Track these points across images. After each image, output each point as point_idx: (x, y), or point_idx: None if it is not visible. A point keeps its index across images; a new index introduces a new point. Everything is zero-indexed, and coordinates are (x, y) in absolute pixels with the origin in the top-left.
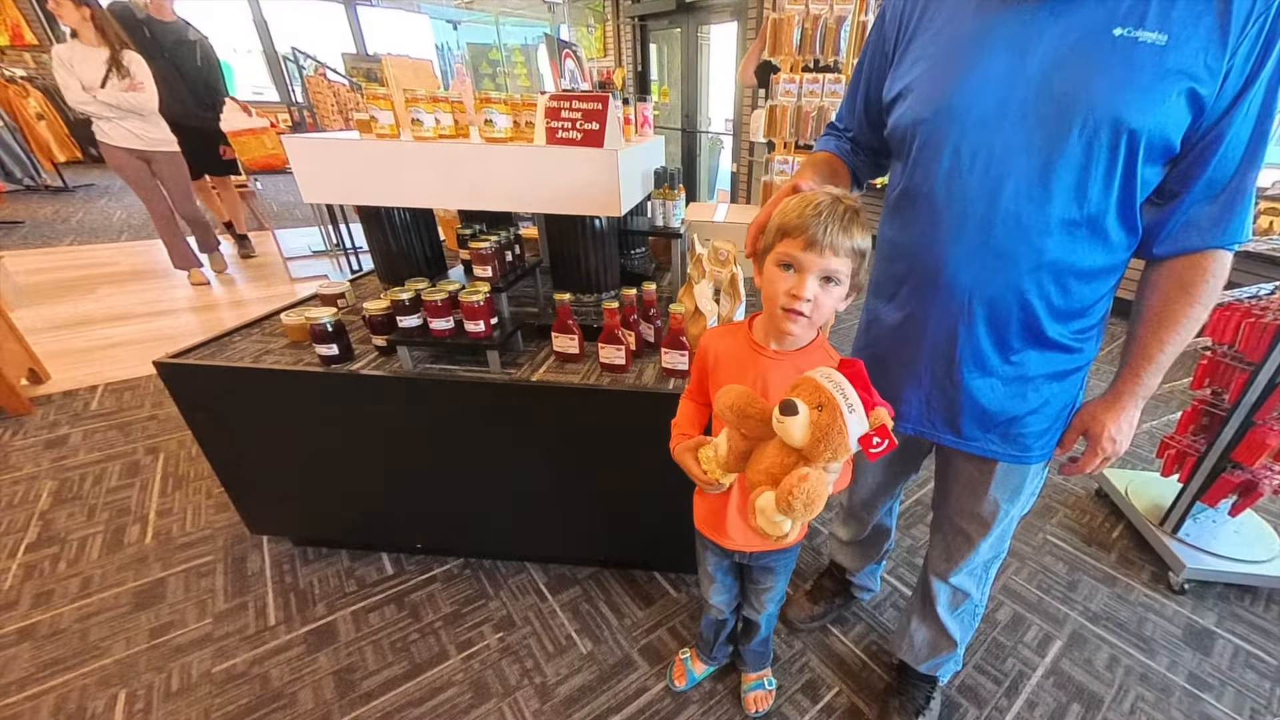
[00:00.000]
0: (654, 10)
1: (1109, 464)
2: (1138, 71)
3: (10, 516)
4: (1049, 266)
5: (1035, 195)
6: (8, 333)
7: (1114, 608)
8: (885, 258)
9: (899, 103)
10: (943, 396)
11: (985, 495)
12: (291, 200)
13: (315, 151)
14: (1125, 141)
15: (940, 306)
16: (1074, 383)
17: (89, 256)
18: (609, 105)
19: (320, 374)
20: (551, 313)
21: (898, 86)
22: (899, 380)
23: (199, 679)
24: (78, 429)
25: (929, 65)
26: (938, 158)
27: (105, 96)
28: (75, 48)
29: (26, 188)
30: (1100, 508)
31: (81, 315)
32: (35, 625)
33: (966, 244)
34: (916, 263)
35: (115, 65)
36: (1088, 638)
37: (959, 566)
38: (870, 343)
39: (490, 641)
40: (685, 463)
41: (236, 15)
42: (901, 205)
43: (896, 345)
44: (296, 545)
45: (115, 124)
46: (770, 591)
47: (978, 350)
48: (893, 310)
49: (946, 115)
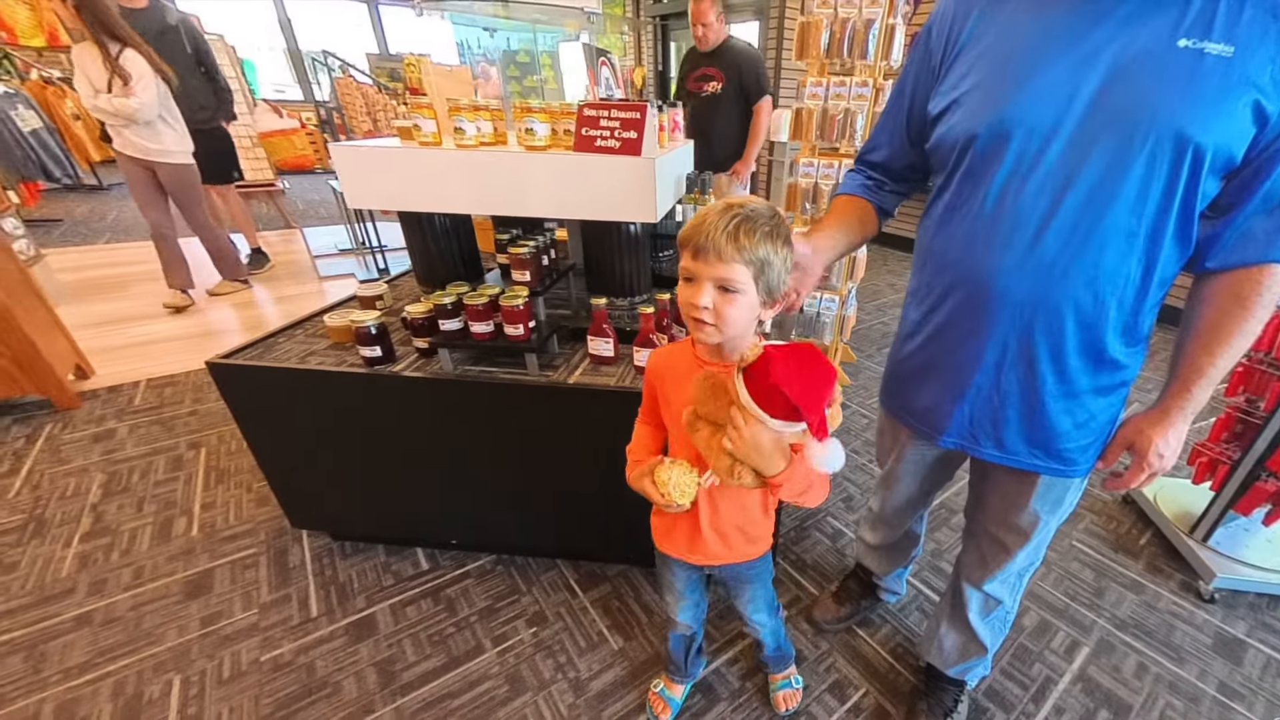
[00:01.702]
0: (675, 9)
1: (1154, 479)
2: (1203, 84)
3: (64, 508)
4: (1104, 280)
5: (1093, 209)
6: (55, 329)
7: (1142, 615)
8: (927, 269)
9: (947, 115)
10: (988, 410)
11: (1025, 507)
12: (317, 199)
13: (361, 159)
14: (1190, 156)
15: (989, 320)
16: (1120, 396)
17: (124, 254)
18: (647, 114)
19: (364, 375)
20: (584, 315)
21: (946, 99)
22: (941, 393)
23: (248, 667)
24: (123, 423)
25: (981, 77)
26: (991, 171)
27: (102, 103)
28: (84, 47)
29: (65, 186)
30: (1127, 514)
31: (120, 312)
32: (92, 613)
33: (1019, 258)
34: (964, 275)
35: (107, 64)
36: (1115, 645)
37: (994, 575)
38: (910, 354)
39: (524, 636)
40: (643, 487)
41: (260, 13)
42: (948, 218)
43: (939, 357)
44: (335, 540)
45: (119, 131)
46: (753, 601)
47: (1028, 364)
48: (935, 322)
49: (1001, 128)
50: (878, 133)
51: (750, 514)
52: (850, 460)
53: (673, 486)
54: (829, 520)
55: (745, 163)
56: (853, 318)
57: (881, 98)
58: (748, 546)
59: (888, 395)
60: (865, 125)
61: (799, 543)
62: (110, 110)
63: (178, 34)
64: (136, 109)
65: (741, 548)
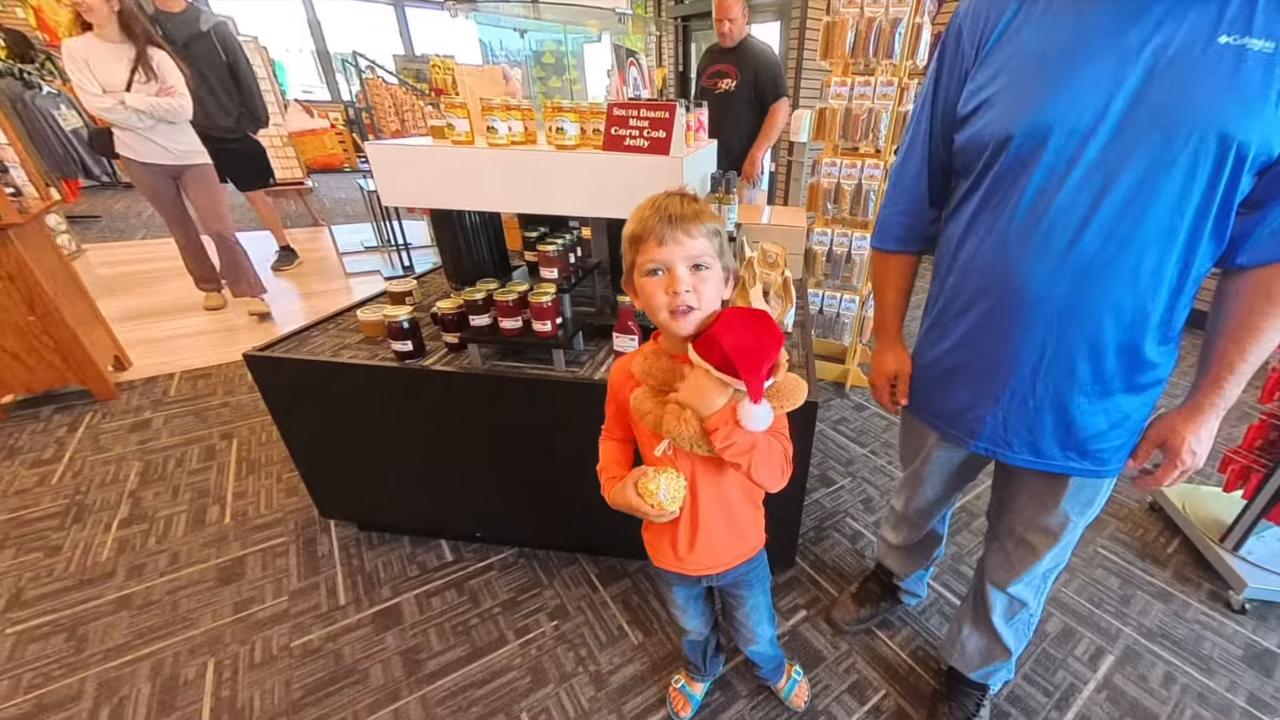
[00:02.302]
0: (697, 10)
1: (1186, 477)
2: (1245, 81)
3: (104, 494)
4: (1143, 280)
5: (1133, 210)
6: (95, 322)
7: (1169, 624)
8: (955, 273)
9: (978, 115)
10: (1023, 415)
11: (1055, 509)
12: (344, 197)
13: (396, 158)
14: (1233, 154)
15: (1025, 324)
16: (1154, 395)
17: (158, 250)
18: (675, 114)
19: (395, 369)
20: (609, 313)
21: (978, 99)
22: (973, 398)
23: (279, 652)
24: (159, 414)
25: (1015, 77)
26: (1027, 173)
27: (136, 102)
28: (93, 44)
29: (102, 184)
30: (1154, 521)
31: (155, 306)
32: (131, 596)
33: (1056, 260)
34: (997, 280)
35: (142, 66)
36: (1141, 653)
37: (1020, 577)
38: (938, 358)
39: (546, 629)
40: (627, 499)
41: (290, 14)
42: (978, 221)
43: (970, 362)
44: (361, 530)
45: (142, 136)
46: (755, 611)
47: (1065, 368)
48: (964, 327)
49: (1038, 129)
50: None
51: (732, 504)
52: (868, 462)
53: (661, 492)
54: (848, 521)
55: (751, 162)
56: (873, 319)
57: (906, 97)
58: (737, 544)
59: (917, 396)
60: (890, 125)
61: (818, 543)
62: (149, 110)
63: (210, 40)
64: (181, 108)
65: (731, 546)
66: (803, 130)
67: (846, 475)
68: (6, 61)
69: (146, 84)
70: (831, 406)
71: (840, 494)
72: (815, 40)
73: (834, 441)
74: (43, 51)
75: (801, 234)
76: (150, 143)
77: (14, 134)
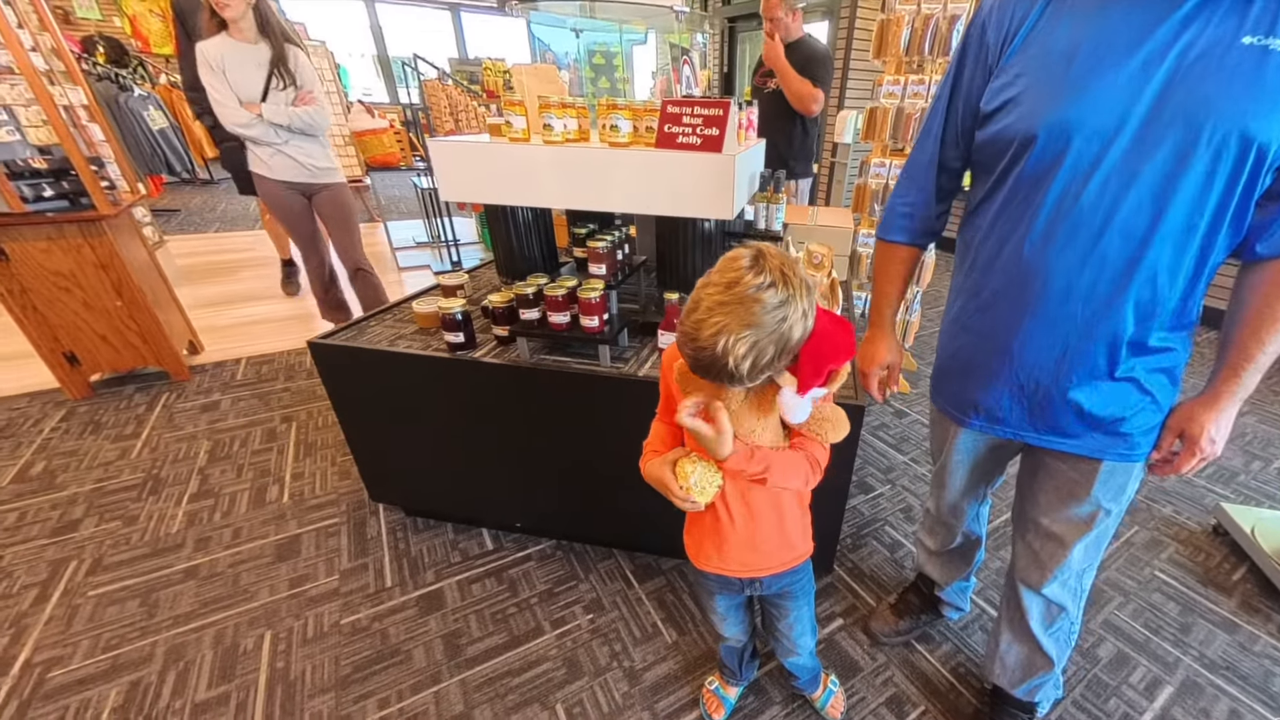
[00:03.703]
0: (744, 12)
1: (1203, 465)
2: (1268, 80)
3: (176, 470)
4: (1163, 274)
5: (1156, 207)
6: (173, 308)
7: (1235, 657)
8: (978, 270)
9: (1002, 114)
10: (1046, 401)
11: (1085, 497)
12: (398, 194)
13: (456, 154)
14: (1254, 153)
15: (1048, 318)
16: (1175, 378)
17: (231, 243)
18: (729, 111)
19: (446, 359)
20: (653, 310)
21: (1002, 97)
22: (994, 385)
23: (329, 629)
24: (227, 396)
25: (1040, 76)
26: (1051, 172)
27: (273, 115)
28: (228, 46)
29: (183, 180)
30: (1219, 546)
31: (226, 295)
32: (197, 567)
33: (1080, 257)
34: (1020, 275)
35: (279, 68)
36: (1204, 686)
37: (1052, 575)
38: (961, 348)
39: (581, 622)
40: (661, 475)
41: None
42: (1000, 218)
43: (993, 351)
44: (408, 515)
45: (279, 151)
46: (798, 623)
47: (1086, 357)
48: (988, 318)
49: (1063, 130)
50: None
51: (780, 504)
52: (908, 470)
53: (694, 481)
54: (887, 530)
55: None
56: (916, 323)
57: None
58: (784, 552)
59: (937, 388)
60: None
61: (856, 550)
62: (288, 123)
63: None
64: (323, 117)
65: (777, 553)
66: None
67: (886, 483)
68: (105, 66)
69: (284, 90)
70: (871, 411)
71: (879, 501)
72: (865, 40)
73: (873, 448)
74: (135, 57)
75: (848, 235)
76: (284, 156)
77: (110, 132)
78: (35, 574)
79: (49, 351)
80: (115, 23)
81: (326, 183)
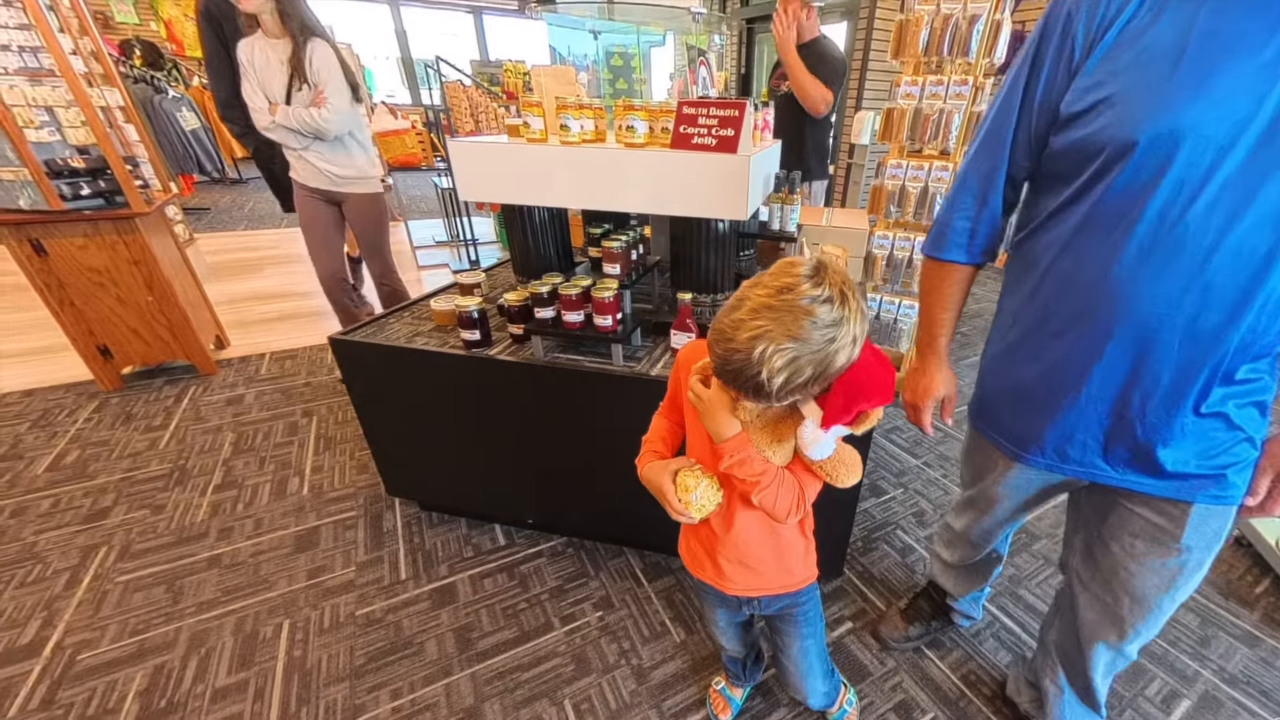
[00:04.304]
0: (762, 13)
1: None
2: None
3: (202, 461)
4: (1269, 299)
5: (1275, 231)
6: (202, 304)
7: (1257, 672)
8: (1047, 291)
9: (1091, 116)
10: (1128, 437)
11: (1175, 544)
12: (418, 194)
13: (475, 154)
14: None
15: (1140, 348)
16: (1266, 410)
17: (258, 240)
18: (744, 112)
19: (462, 357)
20: (666, 311)
21: (1092, 97)
22: (1066, 419)
23: (345, 619)
24: (251, 390)
25: (1144, 75)
26: (1152, 184)
27: (283, 118)
28: (258, 44)
29: (213, 179)
30: (1241, 558)
31: (252, 291)
32: (220, 555)
33: (1183, 282)
34: (1104, 298)
35: (296, 66)
36: (1223, 701)
37: (1133, 632)
38: (1024, 378)
39: (590, 619)
40: (660, 483)
41: (379, 24)
42: (1082, 234)
43: (1067, 382)
44: (423, 509)
45: (300, 156)
46: (803, 658)
47: (1181, 392)
48: (1060, 346)
49: (1169, 137)
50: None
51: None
52: (921, 474)
53: (695, 496)
54: (898, 534)
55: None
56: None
57: (981, 96)
58: (781, 576)
59: (985, 417)
60: (961, 125)
61: (866, 554)
62: (294, 127)
63: None
64: (326, 122)
65: (774, 576)
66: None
67: (898, 486)
68: (141, 69)
69: (300, 90)
70: (884, 414)
71: (891, 505)
72: (883, 40)
73: (886, 451)
74: (170, 60)
75: (863, 237)
76: (305, 162)
77: (144, 133)
78: (67, 559)
79: (83, 344)
80: (152, 27)
81: (350, 192)
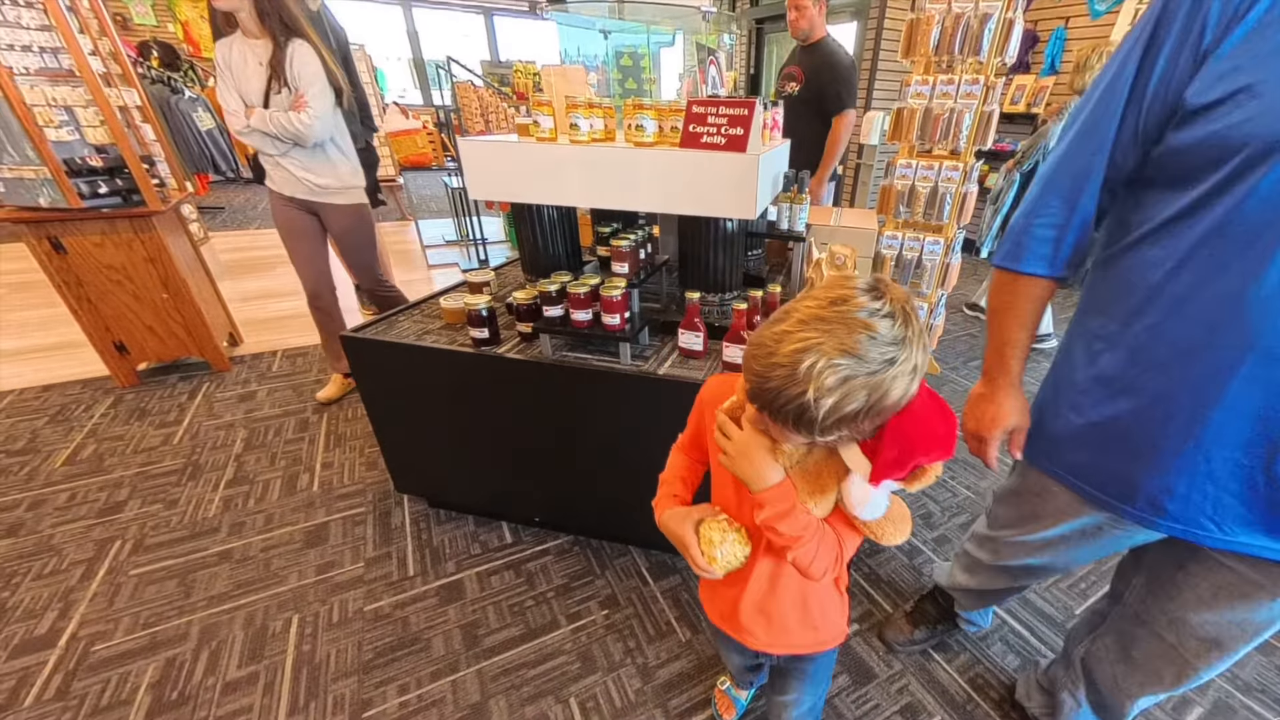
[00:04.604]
0: (772, 13)
1: None
2: None
3: (214, 456)
4: None
5: None
6: (216, 301)
7: (1271, 680)
8: (1156, 313)
9: (1224, 108)
10: (1252, 496)
11: (1268, 602)
12: (429, 193)
13: (486, 153)
14: None
15: (1268, 384)
16: None
17: (271, 239)
18: (754, 111)
19: (471, 354)
20: (674, 310)
21: (1224, 87)
22: (1169, 466)
23: (353, 615)
24: (263, 386)
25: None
26: None
27: (259, 122)
28: (236, 43)
29: (227, 179)
30: None
31: (265, 289)
32: (231, 550)
33: None
34: (1233, 325)
35: (274, 69)
36: (1236, 709)
37: (1195, 675)
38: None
39: (596, 617)
40: (681, 534)
41: (391, 25)
42: (1206, 248)
43: (1174, 422)
44: (431, 506)
45: (276, 162)
46: (796, 707)
47: None
48: (1167, 379)
49: None
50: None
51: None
52: None
53: (721, 552)
54: None
55: (818, 180)
56: (940, 327)
57: (992, 96)
58: (807, 633)
59: (1057, 457)
60: (972, 125)
61: (872, 555)
62: (271, 132)
63: (322, 24)
64: (306, 128)
65: (796, 630)
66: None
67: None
68: (158, 70)
69: (279, 93)
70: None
71: None
72: (893, 40)
73: None
74: (186, 61)
75: (872, 237)
76: (282, 169)
77: (161, 133)
78: (83, 552)
79: (100, 341)
80: (169, 28)
81: (330, 202)
